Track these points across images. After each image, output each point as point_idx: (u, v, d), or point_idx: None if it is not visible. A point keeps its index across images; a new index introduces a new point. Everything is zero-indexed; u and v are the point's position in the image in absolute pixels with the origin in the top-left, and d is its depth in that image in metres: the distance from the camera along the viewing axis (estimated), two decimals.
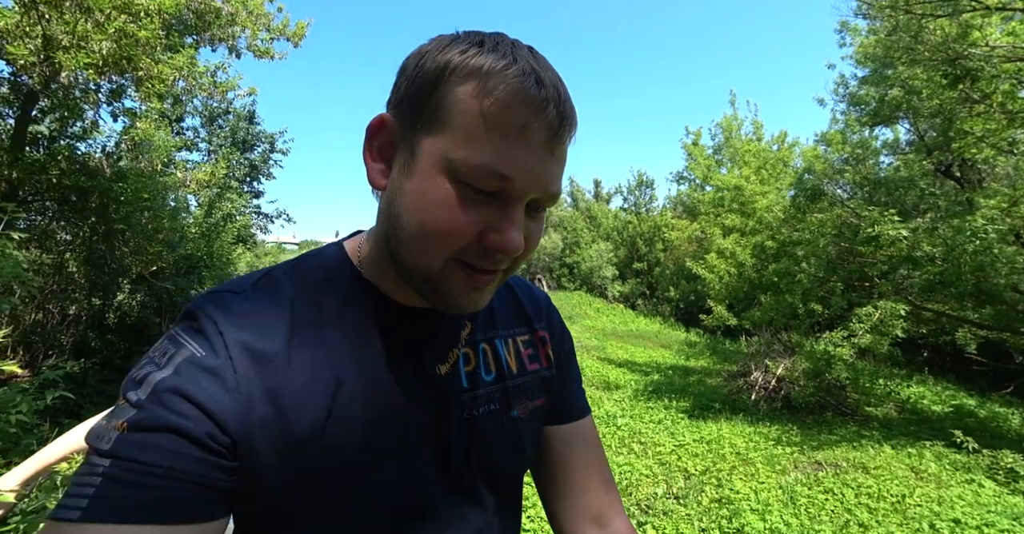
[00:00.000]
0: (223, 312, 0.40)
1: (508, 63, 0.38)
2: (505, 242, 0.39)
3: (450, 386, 0.50)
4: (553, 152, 0.40)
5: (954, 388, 8.22)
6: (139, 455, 0.34)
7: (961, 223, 4.21)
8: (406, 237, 0.41)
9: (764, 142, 12.31)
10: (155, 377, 0.37)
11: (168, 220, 4.07)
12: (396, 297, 0.48)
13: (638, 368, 8.75)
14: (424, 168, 0.39)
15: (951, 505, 3.51)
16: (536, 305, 0.62)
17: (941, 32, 5.26)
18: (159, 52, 3.04)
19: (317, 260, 0.49)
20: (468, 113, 0.37)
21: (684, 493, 3.97)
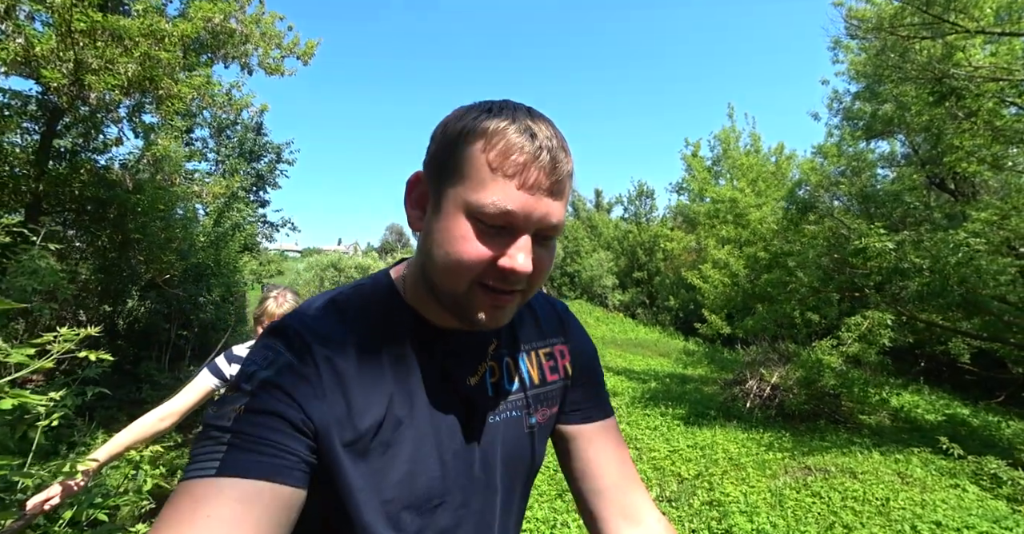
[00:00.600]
0: (308, 331, 0.51)
1: (508, 123, 0.47)
2: (515, 266, 0.47)
3: (478, 395, 0.58)
4: (551, 191, 0.47)
5: (948, 397, 8.30)
6: (254, 431, 0.43)
7: (945, 236, 4.36)
8: (437, 266, 0.50)
9: (762, 154, 12.51)
10: (261, 374, 0.47)
11: (181, 230, 4.25)
12: (433, 319, 0.57)
13: (636, 376, 8.84)
14: (448, 210, 0.48)
15: (934, 508, 3.62)
16: (555, 320, 0.70)
17: (927, 52, 5.46)
18: (178, 72, 3.25)
19: (371, 288, 0.59)
20: (477, 164, 0.46)
21: (676, 496, 4.08)
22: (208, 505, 0.39)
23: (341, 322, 0.53)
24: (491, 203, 0.45)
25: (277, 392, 0.46)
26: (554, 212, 0.48)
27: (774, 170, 11.29)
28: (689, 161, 13.97)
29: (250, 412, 0.44)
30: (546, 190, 0.47)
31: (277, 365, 0.48)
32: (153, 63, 2.79)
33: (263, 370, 0.47)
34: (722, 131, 12.71)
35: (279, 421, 0.45)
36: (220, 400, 0.47)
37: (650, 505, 0.64)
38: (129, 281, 4.83)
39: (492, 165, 0.46)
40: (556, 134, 0.49)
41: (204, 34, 3.69)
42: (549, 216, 0.48)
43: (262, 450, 0.43)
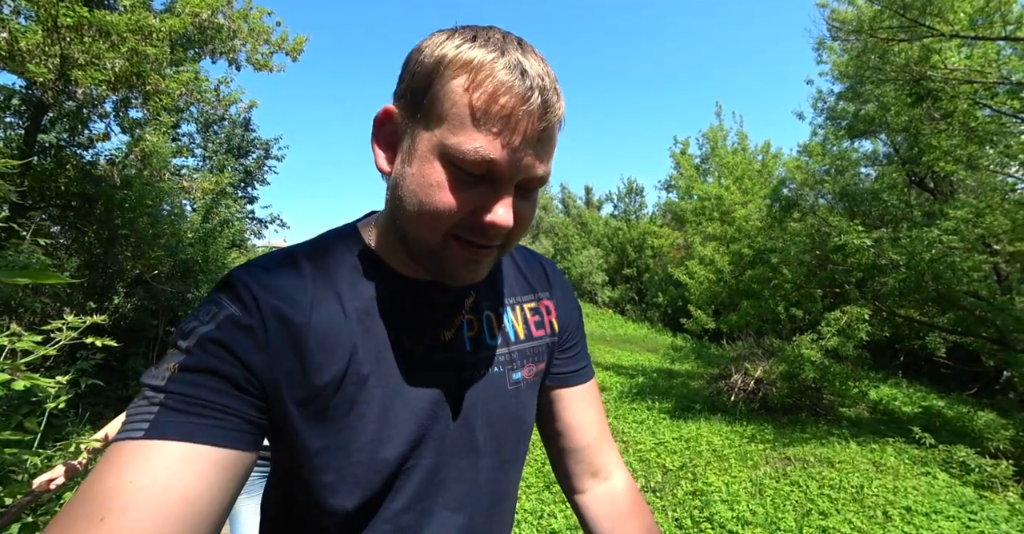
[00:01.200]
0: (256, 282, 0.46)
1: (496, 56, 0.41)
2: (495, 220, 0.43)
3: (454, 350, 0.54)
4: (539, 138, 0.43)
5: (925, 390, 8.55)
6: (188, 390, 0.40)
7: (919, 233, 4.51)
8: (409, 216, 0.46)
9: (748, 152, 12.69)
10: (200, 330, 0.43)
11: (168, 226, 4.23)
12: (404, 271, 0.53)
13: (624, 371, 8.98)
14: (423, 154, 0.43)
15: (905, 494, 3.77)
16: (542, 275, 0.66)
17: (905, 55, 5.61)
18: (165, 68, 3.24)
19: (335, 238, 0.54)
20: (459, 104, 0.41)
21: (661, 486, 4.19)
22: (132, 470, 0.36)
23: (297, 273, 0.49)
24: (472, 150, 0.41)
25: (216, 347, 0.42)
26: (540, 163, 0.44)
27: (760, 168, 11.47)
28: (678, 159, 14.13)
29: (185, 370, 0.41)
30: (534, 139, 0.42)
31: (218, 319, 0.44)
32: (140, 58, 2.79)
33: (203, 325, 0.44)
34: (710, 129, 12.87)
35: (217, 379, 0.41)
36: (158, 361, 0.44)
37: (618, 462, 0.66)
38: (116, 277, 4.80)
39: (476, 106, 0.40)
40: (548, 72, 0.43)
41: (191, 29, 3.68)
42: (535, 167, 0.44)
43: (195, 411, 0.40)
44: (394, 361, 0.50)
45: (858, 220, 4.81)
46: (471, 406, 0.55)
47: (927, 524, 3.36)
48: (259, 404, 0.44)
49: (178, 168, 6.94)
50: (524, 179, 0.44)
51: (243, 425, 0.42)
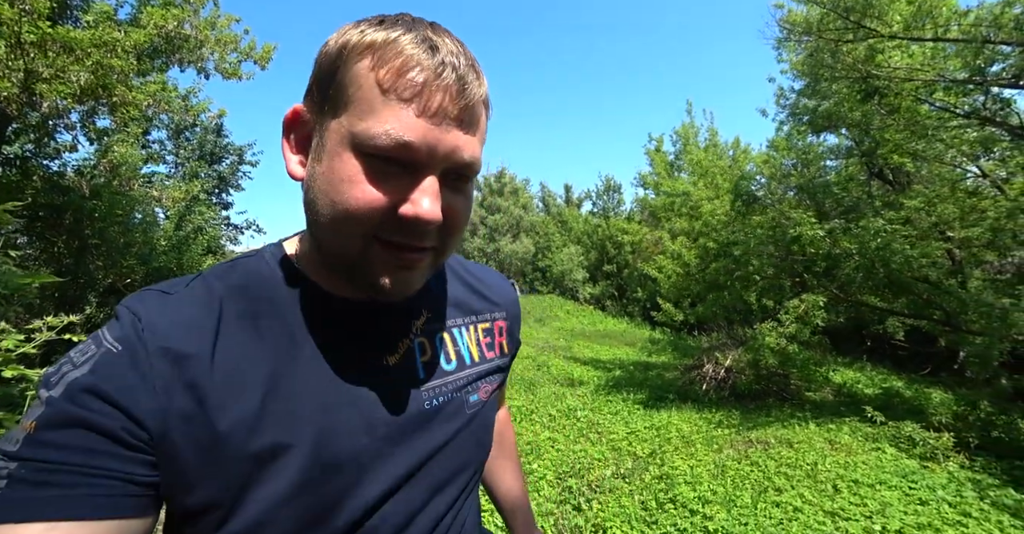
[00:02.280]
0: (147, 311, 0.39)
1: (402, 33, 0.37)
2: (419, 212, 0.38)
3: (403, 377, 0.49)
4: (459, 118, 0.38)
5: (887, 373, 8.99)
6: (49, 454, 0.33)
7: (866, 223, 4.80)
8: (323, 221, 0.40)
9: (719, 148, 13.06)
10: (70, 376, 0.36)
11: (140, 234, 4.25)
12: (337, 291, 0.47)
13: (602, 365, 9.21)
14: (332, 148, 0.38)
15: (855, 469, 4.04)
16: (499, 292, 0.63)
17: (852, 54, 5.94)
18: (131, 79, 3.30)
19: (254, 260, 0.48)
20: (365, 86, 0.37)
21: (630, 473, 4.39)
22: None
23: (203, 297, 0.42)
24: (383, 132, 0.36)
25: (86, 396, 0.34)
26: (465, 145, 0.39)
27: (731, 164, 11.82)
28: (652, 156, 14.47)
29: (46, 427, 0.33)
30: (453, 118, 0.38)
31: (93, 360, 0.36)
32: (105, 71, 2.84)
33: (74, 369, 0.36)
34: (682, 127, 13.21)
35: (90, 435, 0.34)
36: (24, 416, 0.37)
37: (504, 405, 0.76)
38: (87, 287, 4.80)
39: (383, 85, 0.36)
40: (464, 50, 0.39)
41: (158, 40, 3.73)
42: (459, 150, 0.39)
43: (60, 480, 0.32)
44: (326, 395, 0.43)
45: (811, 212, 5.09)
46: (428, 440, 0.49)
47: (871, 494, 3.63)
48: (148, 459, 0.36)
49: (148, 176, 6.91)
50: (449, 166, 0.39)
51: (128, 488, 0.34)
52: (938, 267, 6.91)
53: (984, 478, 3.94)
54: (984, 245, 6.30)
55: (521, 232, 20.79)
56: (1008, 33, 4.42)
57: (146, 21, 3.76)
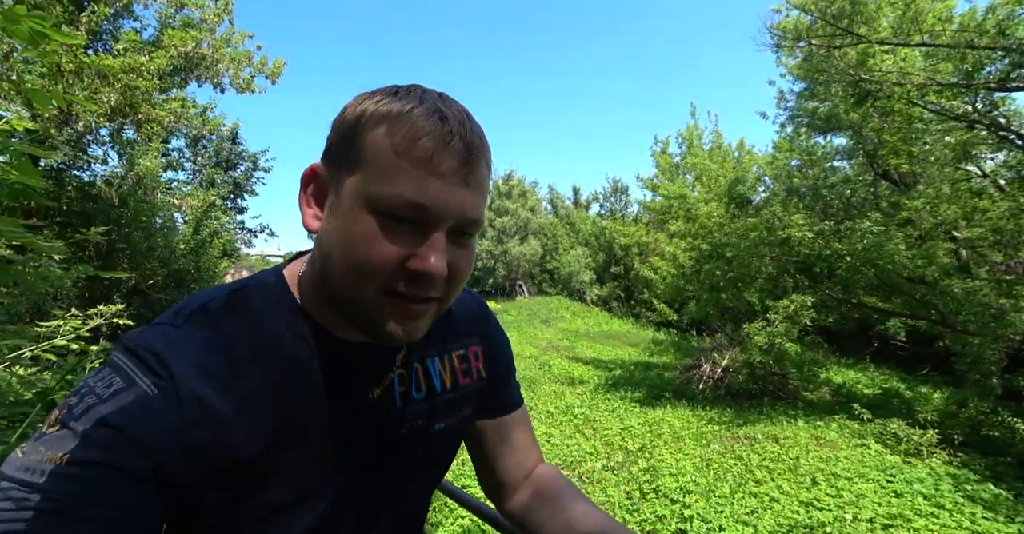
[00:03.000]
0: (169, 350, 0.41)
1: (415, 105, 0.41)
2: (427, 267, 0.40)
3: (382, 407, 0.52)
4: (466, 181, 0.42)
5: (889, 373, 8.99)
6: (76, 491, 0.33)
7: (852, 224, 4.92)
8: (337, 272, 0.43)
9: (723, 150, 13.13)
10: (99, 410, 0.36)
11: (161, 238, 4.61)
12: (336, 331, 0.49)
13: (603, 365, 9.37)
14: (348, 205, 0.41)
15: (836, 463, 4.18)
16: (471, 320, 0.64)
17: (844, 59, 6.05)
18: (155, 97, 3.62)
19: (257, 292, 0.49)
20: (381, 151, 0.40)
21: (620, 466, 4.58)
22: None
23: (213, 338, 0.44)
24: (398, 194, 0.40)
25: (118, 435, 0.36)
26: (471, 205, 0.43)
27: (735, 165, 11.87)
28: (657, 158, 14.57)
29: (76, 464, 0.34)
30: (460, 179, 0.42)
31: (125, 397, 0.38)
32: (132, 92, 3.17)
33: (102, 403, 0.37)
34: (687, 129, 13.30)
35: (118, 475, 0.35)
36: (32, 442, 0.37)
37: (542, 460, 0.71)
38: (112, 288, 5.18)
39: (398, 150, 0.40)
40: (470, 119, 0.44)
41: (178, 60, 4.06)
42: (465, 209, 0.42)
43: (89, 517, 0.33)
44: (322, 429, 0.48)
45: (804, 214, 5.22)
46: (400, 463, 0.55)
47: (848, 486, 3.77)
48: (170, 499, 0.38)
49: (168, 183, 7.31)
50: (455, 224, 0.43)
51: (147, 528, 0.37)
52: (936, 267, 6.95)
53: (964, 473, 4.05)
54: (990, 245, 6.33)
55: (529, 234, 21.00)
56: (992, 38, 4.52)
57: (168, 42, 4.10)
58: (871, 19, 5.18)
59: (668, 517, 3.48)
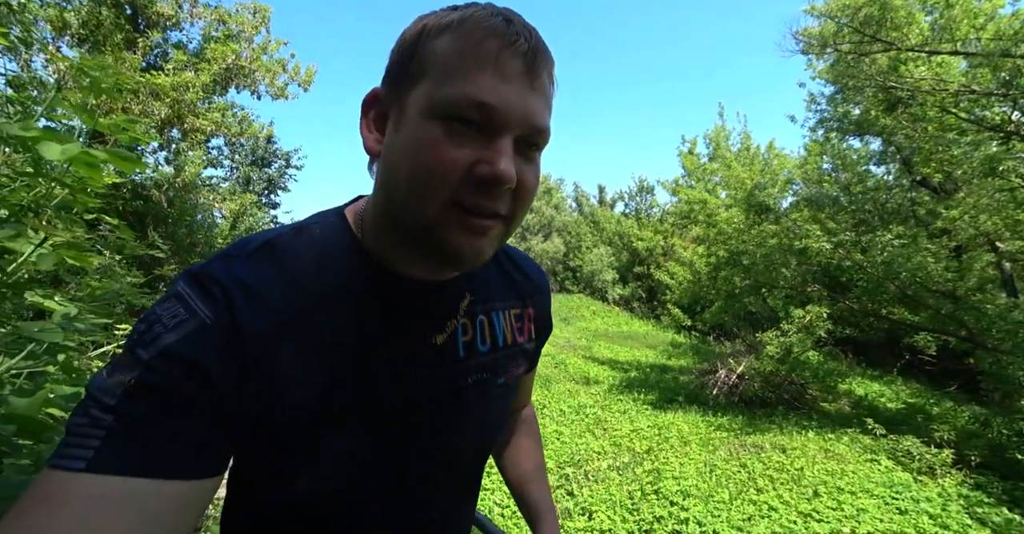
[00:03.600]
0: (234, 283, 0.41)
1: (477, 10, 0.41)
2: (496, 172, 0.39)
3: (445, 355, 0.51)
4: (532, 86, 0.41)
5: (919, 388, 8.69)
6: (144, 413, 0.35)
7: (872, 237, 4.85)
8: (401, 188, 0.42)
9: (751, 152, 12.85)
10: (165, 339, 0.37)
11: (202, 235, 5.02)
12: (397, 267, 0.48)
13: (619, 366, 9.43)
14: (411, 117, 0.41)
15: (842, 476, 4.18)
16: (531, 282, 0.65)
17: (874, 66, 5.89)
18: (199, 108, 3.97)
19: (320, 230, 0.49)
20: (444, 55, 0.40)
21: (625, 466, 4.70)
22: (64, 512, 0.32)
23: (278, 272, 0.44)
24: (464, 94, 0.39)
25: (180, 364, 0.37)
26: (538, 110, 0.42)
27: (763, 168, 11.62)
28: (684, 159, 14.37)
29: (141, 389, 0.36)
30: (527, 82, 0.41)
31: (187, 327, 0.39)
32: (180, 105, 3.51)
33: (168, 332, 0.38)
34: (714, 130, 13.07)
35: (180, 401, 0.37)
36: (112, 363, 0.39)
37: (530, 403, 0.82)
38: (158, 280, 5.63)
39: (463, 52, 0.39)
40: (534, 29, 0.43)
41: (220, 73, 4.41)
42: (533, 114, 0.41)
43: (149, 438, 0.35)
44: (382, 368, 0.47)
45: (819, 226, 5.16)
46: (461, 417, 0.54)
47: (851, 500, 3.78)
48: (227, 427, 0.40)
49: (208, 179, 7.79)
50: (523, 131, 0.41)
51: (205, 452, 0.38)
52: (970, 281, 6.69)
53: (977, 495, 3.98)
54: None
55: (553, 232, 21.07)
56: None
57: (210, 55, 4.44)
58: (900, 26, 5.05)
59: (665, 518, 3.60)
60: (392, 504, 0.51)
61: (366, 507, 0.49)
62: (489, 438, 0.60)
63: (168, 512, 0.35)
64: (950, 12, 4.62)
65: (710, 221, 7.30)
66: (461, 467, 0.57)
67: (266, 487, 0.46)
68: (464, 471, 0.59)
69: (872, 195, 7.08)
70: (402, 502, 0.52)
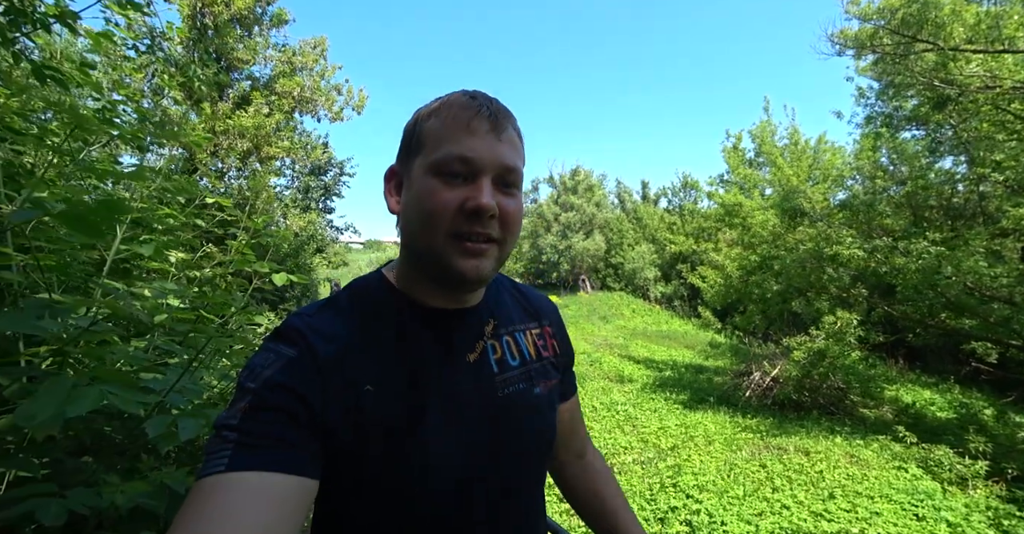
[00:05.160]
0: (304, 326, 0.54)
1: (452, 95, 0.57)
2: (479, 204, 0.52)
3: (481, 371, 0.61)
4: (499, 138, 0.55)
5: (980, 397, 8.21)
6: (259, 427, 0.46)
7: (907, 244, 4.80)
8: (414, 228, 0.55)
9: (799, 146, 12.39)
10: (265, 373, 0.50)
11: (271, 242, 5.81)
12: (426, 302, 0.60)
13: (654, 365, 9.58)
14: (416, 178, 0.55)
15: (861, 481, 4.25)
16: (543, 307, 0.77)
17: (921, 62, 5.69)
18: (272, 138, 4.67)
19: (363, 284, 0.63)
20: (433, 130, 0.55)
21: (649, 461, 5.00)
22: (217, 499, 0.41)
23: (337, 315, 0.57)
24: (448, 153, 0.52)
25: (280, 388, 0.48)
26: (504, 154, 0.54)
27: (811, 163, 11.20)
28: (728, 154, 14.01)
29: (255, 409, 0.47)
30: (494, 136, 0.54)
31: (280, 363, 0.51)
32: (259, 139, 4.20)
33: (266, 369, 0.50)
34: (759, 125, 12.69)
35: (283, 416, 0.47)
36: (229, 403, 0.50)
37: (591, 447, 0.85)
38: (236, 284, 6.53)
39: (445, 126, 0.54)
40: (497, 100, 0.58)
41: (288, 109, 5.11)
42: (502, 157, 0.54)
43: (267, 445, 0.45)
44: (437, 385, 0.57)
45: (851, 230, 5.15)
46: (508, 422, 0.61)
47: (867, 504, 3.88)
48: (319, 437, 0.49)
49: (274, 188, 8.72)
50: (498, 171, 0.54)
51: (306, 456, 0.47)
52: None
53: (1007, 508, 3.93)
54: None
55: (594, 229, 21.06)
56: None
57: (280, 89, 5.14)
58: (942, 25, 4.89)
59: (680, 508, 3.90)
60: (464, 505, 0.57)
61: (444, 509, 0.55)
62: (541, 450, 0.67)
63: (289, 500, 0.44)
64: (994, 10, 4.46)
65: (745, 224, 7.31)
66: (523, 475, 0.64)
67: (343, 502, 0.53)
68: (527, 479, 0.65)
69: (936, 189, 6.76)
70: (472, 505, 0.57)
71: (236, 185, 4.96)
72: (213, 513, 0.40)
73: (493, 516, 0.59)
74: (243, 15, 4.58)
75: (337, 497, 0.53)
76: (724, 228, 7.79)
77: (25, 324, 0.70)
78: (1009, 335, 5.75)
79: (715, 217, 8.23)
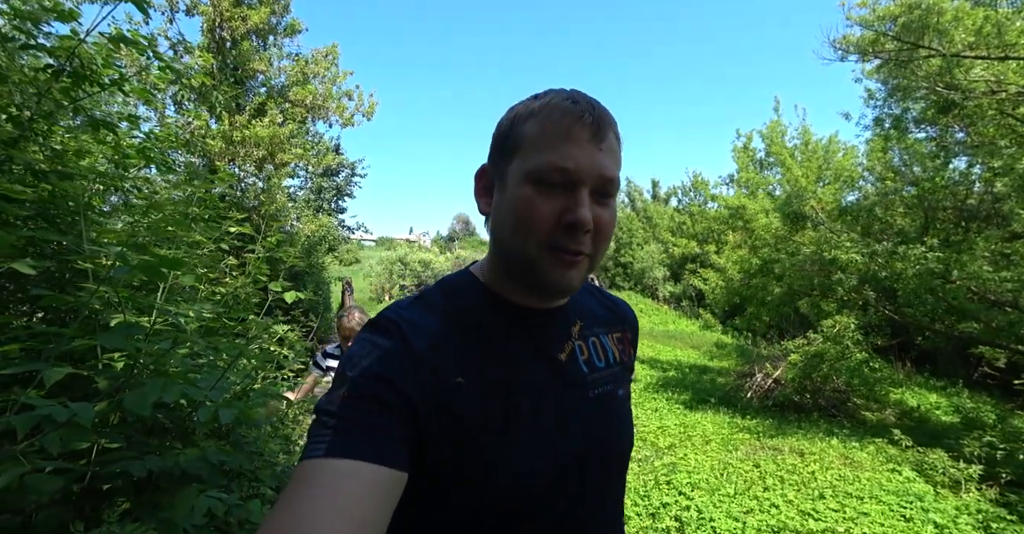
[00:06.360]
0: (400, 318, 0.56)
1: (552, 97, 0.55)
2: (577, 217, 0.51)
3: (571, 370, 0.62)
4: (600, 147, 0.53)
5: (985, 400, 8.15)
6: (356, 415, 0.47)
7: (905, 249, 4.85)
8: (507, 236, 0.55)
9: (810, 146, 12.32)
10: (362, 363, 0.51)
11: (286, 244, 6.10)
12: (516, 301, 0.61)
13: (659, 365, 9.68)
14: (511, 183, 0.55)
15: (852, 482, 4.35)
16: (627, 315, 0.79)
17: (925, 68, 5.70)
18: (286, 145, 4.91)
19: (453, 281, 0.64)
20: (531, 135, 0.53)
21: (645, 459, 5.14)
22: (315, 483, 0.43)
23: (428, 310, 0.58)
24: (547, 162, 0.51)
25: (377, 378, 0.50)
26: (605, 165, 0.53)
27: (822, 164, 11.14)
28: (738, 153, 13.97)
29: (353, 397, 0.49)
30: (595, 145, 0.52)
31: (376, 354, 0.52)
32: (273, 146, 4.43)
33: (363, 359, 0.52)
34: (768, 125, 12.63)
35: (379, 404, 0.48)
36: (330, 389, 0.52)
37: None
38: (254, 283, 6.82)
39: (544, 132, 0.52)
40: (599, 104, 0.56)
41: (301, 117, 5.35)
42: (602, 168, 0.52)
43: (363, 432, 0.46)
44: (529, 382, 0.57)
45: (851, 234, 5.20)
46: (598, 423, 0.62)
47: (855, 504, 3.98)
48: (415, 426, 0.50)
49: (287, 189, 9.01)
50: (596, 183, 0.53)
51: (400, 445, 0.48)
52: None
53: (998, 511, 3.99)
54: None
55: None
56: None
57: (294, 96, 5.37)
58: (944, 32, 4.91)
59: (671, 505, 4.04)
60: (554, 507, 0.56)
61: (532, 511, 0.55)
62: (625, 450, 0.67)
63: (382, 489, 0.44)
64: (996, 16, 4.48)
65: (748, 227, 7.37)
66: (609, 476, 0.64)
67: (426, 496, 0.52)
68: (612, 480, 0.65)
69: (950, 190, 6.74)
70: (562, 508, 0.57)
71: (252, 188, 5.27)
72: (309, 498, 0.42)
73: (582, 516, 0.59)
74: (259, 28, 4.83)
75: (419, 492, 0.52)
76: (729, 230, 7.84)
77: (119, 340, 0.89)
78: (1013, 340, 5.76)
79: (720, 219, 8.28)
